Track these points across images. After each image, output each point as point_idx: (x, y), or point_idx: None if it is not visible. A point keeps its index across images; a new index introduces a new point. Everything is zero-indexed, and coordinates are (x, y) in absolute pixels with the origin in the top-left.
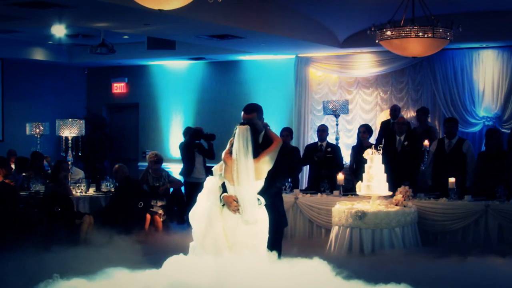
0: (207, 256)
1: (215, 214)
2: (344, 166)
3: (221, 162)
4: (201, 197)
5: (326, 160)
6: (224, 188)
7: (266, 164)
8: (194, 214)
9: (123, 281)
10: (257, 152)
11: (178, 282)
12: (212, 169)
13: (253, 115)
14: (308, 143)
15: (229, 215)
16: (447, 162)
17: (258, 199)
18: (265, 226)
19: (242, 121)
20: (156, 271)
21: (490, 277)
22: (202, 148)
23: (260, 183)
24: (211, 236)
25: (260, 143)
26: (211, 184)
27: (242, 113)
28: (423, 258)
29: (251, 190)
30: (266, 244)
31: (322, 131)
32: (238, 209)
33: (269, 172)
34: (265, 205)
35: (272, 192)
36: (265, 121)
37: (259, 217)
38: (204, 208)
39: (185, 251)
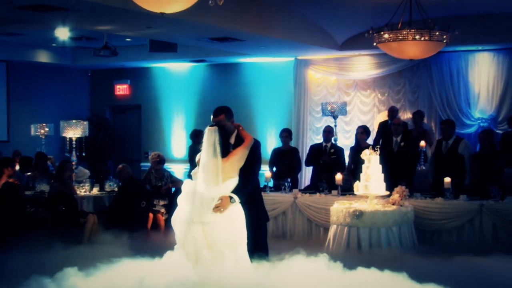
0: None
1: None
2: None
3: (197, 166)
4: (180, 200)
5: (330, 161)
6: None
7: (236, 162)
8: (176, 218)
9: (121, 272)
10: (228, 151)
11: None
12: (191, 173)
13: (221, 117)
14: (307, 143)
15: None
16: (444, 163)
17: (232, 197)
18: (240, 223)
19: (212, 123)
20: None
21: (482, 275)
22: None
23: (234, 181)
24: (191, 237)
25: (233, 143)
26: (188, 188)
27: (212, 116)
28: (419, 256)
29: (216, 190)
30: (245, 240)
31: (328, 132)
32: (216, 208)
33: (242, 170)
34: (241, 202)
35: (246, 190)
36: (237, 122)
37: (233, 215)
38: (184, 212)
39: None
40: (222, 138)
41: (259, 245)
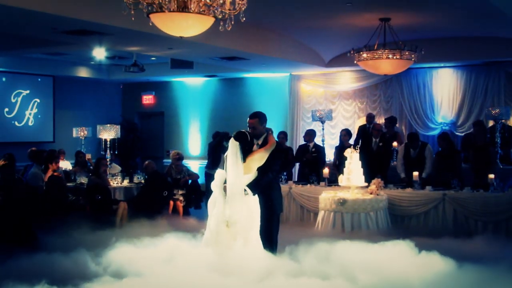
0: None
1: (220, 199)
2: (328, 162)
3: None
4: (212, 186)
5: (312, 158)
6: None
7: (253, 162)
8: (210, 200)
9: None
10: (248, 154)
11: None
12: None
13: (255, 120)
14: (300, 143)
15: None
16: (413, 163)
17: (245, 190)
18: (255, 210)
19: (237, 130)
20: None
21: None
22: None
23: (249, 177)
24: (213, 215)
25: (260, 144)
26: (220, 177)
27: (248, 118)
28: (393, 236)
29: (238, 190)
30: (257, 226)
31: (309, 135)
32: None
33: (260, 168)
34: (254, 194)
35: (260, 184)
36: (268, 127)
37: (250, 204)
38: (214, 195)
39: (199, 229)
40: (242, 146)
41: (266, 233)
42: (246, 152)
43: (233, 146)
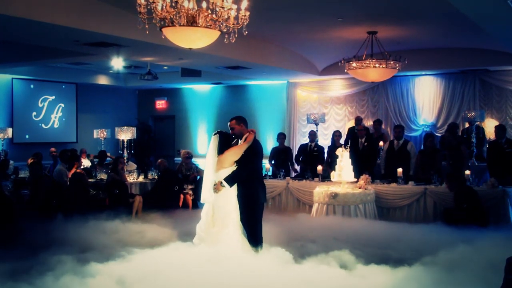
0: None
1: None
2: None
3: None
4: None
5: (313, 157)
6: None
7: (229, 157)
8: None
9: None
10: (225, 149)
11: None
12: None
13: (233, 122)
14: (296, 144)
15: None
16: (396, 158)
17: (222, 182)
18: (233, 199)
19: (217, 130)
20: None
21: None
22: None
23: (227, 171)
24: (204, 208)
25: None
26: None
27: (228, 121)
28: (379, 225)
29: (215, 176)
30: (236, 212)
31: (312, 135)
32: (214, 189)
33: (238, 162)
34: (230, 186)
35: (236, 178)
36: (251, 128)
37: (229, 195)
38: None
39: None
40: (221, 141)
41: (253, 226)
42: (226, 149)
43: (213, 142)
